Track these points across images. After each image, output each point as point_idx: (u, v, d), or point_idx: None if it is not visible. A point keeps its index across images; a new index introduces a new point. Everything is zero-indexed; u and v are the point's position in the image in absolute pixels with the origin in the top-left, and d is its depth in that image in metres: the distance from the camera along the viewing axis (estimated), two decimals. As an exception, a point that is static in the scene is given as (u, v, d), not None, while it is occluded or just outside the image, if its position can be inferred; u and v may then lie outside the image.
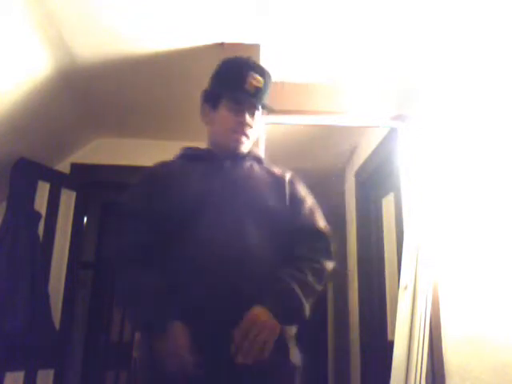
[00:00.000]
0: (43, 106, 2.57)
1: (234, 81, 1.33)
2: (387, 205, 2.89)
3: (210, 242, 1.20)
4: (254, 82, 1.32)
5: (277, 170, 1.44)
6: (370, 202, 3.15)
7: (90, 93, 2.71)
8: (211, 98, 1.40)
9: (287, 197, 1.36)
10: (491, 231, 1.73)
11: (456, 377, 1.87)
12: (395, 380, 2.02)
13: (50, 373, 2.84)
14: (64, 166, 3.22)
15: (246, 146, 1.39)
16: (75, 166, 3.25)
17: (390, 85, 2.42)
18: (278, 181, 1.39)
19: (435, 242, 2.03)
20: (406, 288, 2.10)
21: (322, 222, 1.38)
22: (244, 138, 1.36)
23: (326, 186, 3.69)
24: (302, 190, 1.42)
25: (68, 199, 3.11)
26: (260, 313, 1.12)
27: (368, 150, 3.04)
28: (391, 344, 2.15)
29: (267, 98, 1.40)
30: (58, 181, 3.06)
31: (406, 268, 2.12)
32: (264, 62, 1.82)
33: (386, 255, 2.91)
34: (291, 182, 1.41)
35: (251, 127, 1.36)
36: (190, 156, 1.42)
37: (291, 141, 3.12)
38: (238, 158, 1.38)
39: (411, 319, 2.02)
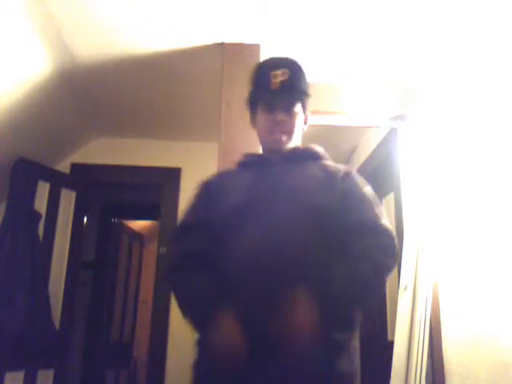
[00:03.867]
0: (43, 105, 2.57)
1: (261, 83, 1.38)
2: (387, 205, 2.89)
3: (252, 246, 1.21)
4: (278, 78, 1.33)
5: (332, 166, 1.40)
6: (370, 201, 3.14)
7: (90, 93, 2.71)
8: (251, 104, 1.44)
9: (339, 193, 1.30)
10: (491, 231, 1.73)
11: (456, 377, 1.87)
12: (395, 380, 2.02)
13: (50, 373, 2.84)
14: (64, 166, 3.22)
15: (288, 143, 1.38)
16: (75, 166, 3.25)
17: (390, 85, 2.42)
18: (330, 177, 1.35)
19: (435, 241, 2.04)
20: (405, 288, 2.10)
21: (383, 219, 1.29)
22: (283, 137, 1.36)
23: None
24: (359, 186, 1.37)
25: (68, 199, 3.11)
26: (306, 315, 1.09)
27: (368, 150, 3.04)
28: (391, 344, 2.15)
29: (304, 86, 1.40)
30: (58, 181, 3.06)
31: (406, 268, 2.12)
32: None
33: (386, 255, 2.90)
34: (344, 178, 1.36)
35: (288, 123, 1.36)
36: (246, 163, 1.45)
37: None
38: (287, 158, 1.38)
39: (411, 319, 2.02)
